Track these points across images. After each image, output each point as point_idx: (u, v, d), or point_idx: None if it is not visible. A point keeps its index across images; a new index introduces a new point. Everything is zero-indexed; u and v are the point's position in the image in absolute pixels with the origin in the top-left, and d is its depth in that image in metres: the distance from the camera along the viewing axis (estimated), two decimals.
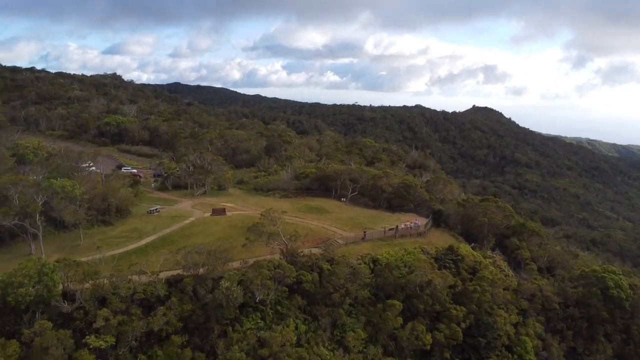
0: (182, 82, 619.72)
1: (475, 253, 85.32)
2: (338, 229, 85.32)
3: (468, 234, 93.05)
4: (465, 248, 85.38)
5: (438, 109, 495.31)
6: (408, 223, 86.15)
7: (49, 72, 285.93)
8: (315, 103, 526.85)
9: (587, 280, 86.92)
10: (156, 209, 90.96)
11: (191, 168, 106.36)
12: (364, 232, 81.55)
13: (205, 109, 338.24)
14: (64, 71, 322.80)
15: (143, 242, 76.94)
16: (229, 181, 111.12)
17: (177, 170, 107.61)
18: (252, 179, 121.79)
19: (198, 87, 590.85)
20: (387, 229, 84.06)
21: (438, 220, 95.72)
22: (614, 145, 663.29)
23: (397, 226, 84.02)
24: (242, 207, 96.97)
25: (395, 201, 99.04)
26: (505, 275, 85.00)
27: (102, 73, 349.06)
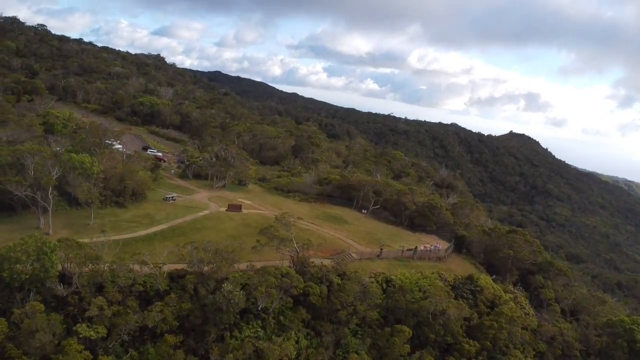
0: (223, 72, 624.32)
1: (496, 286, 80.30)
2: (354, 242, 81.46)
3: (490, 264, 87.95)
4: (485, 279, 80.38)
5: (474, 130, 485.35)
6: (428, 245, 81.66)
7: (95, 46, 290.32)
8: (351, 109, 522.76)
9: (614, 330, 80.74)
10: (172, 197, 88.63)
11: (214, 159, 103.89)
12: (381, 249, 77.50)
13: (241, 100, 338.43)
14: (111, 46, 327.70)
15: (153, 229, 74.55)
16: (250, 177, 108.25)
17: (200, 160, 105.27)
18: (274, 178, 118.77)
19: (238, 78, 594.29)
20: (405, 248, 79.84)
21: (460, 246, 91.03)
22: None
23: (416, 247, 79.69)
24: (258, 205, 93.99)
25: (417, 220, 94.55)
26: (526, 314, 79.55)
27: (146, 53, 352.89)
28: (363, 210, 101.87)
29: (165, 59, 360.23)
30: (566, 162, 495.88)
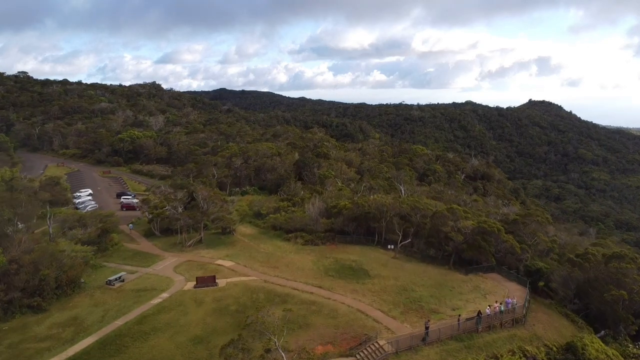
0: (228, 88, 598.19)
1: (610, 350, 50.01)
2: (384, 315, 51.66)
3: (590, 311, 57.20)
4: (593, 342, 49.92)
5: (490, 105, 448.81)
6: (497, 305, 51.49)
7: (81, 84, 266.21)
8: (361, 103, 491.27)
9: None
10: (118, 278, 60.48)
11: (179, 208, 75.57)
12: (426, 326, 47.66)
13: (245, 114, 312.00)
14: (117, 83, 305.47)
15: (72, 350, 46.51)
16: (233, 223, 79.36)
17: (166, 210, 76.91)
18: (271, 212, 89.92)
19: (242, 92, 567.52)
20: (463, 317, 49.89)
21: (535, 283, 60.75)
22: None
23: (479, 313, 49.60)
24: (244, 267, 65.05)
25: (468, 254, 64.24)
26: None
27: (141, 82, 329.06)
28: (389, 246, 72.10)
29: (162, 85, 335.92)
30: (593, 122, 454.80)
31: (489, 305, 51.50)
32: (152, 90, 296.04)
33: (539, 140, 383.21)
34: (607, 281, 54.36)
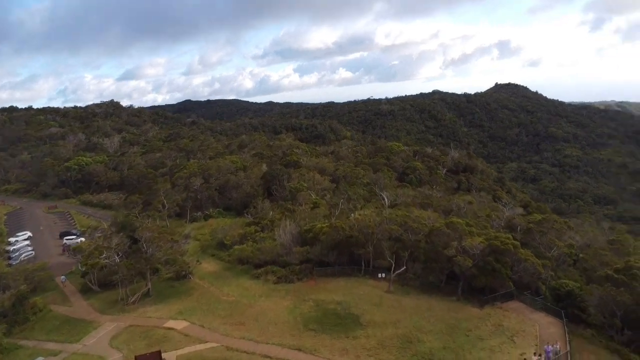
0: (193, 99, 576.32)
1: None
2: None
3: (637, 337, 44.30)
4: None
5: (457, 92, 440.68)
6: (536, 359, 37.97)
7: (30, 109, 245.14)
8: (329, 102, 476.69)
9: None
10: None
11: (116, 257, 60.02)
12: None
13: (211, 125, 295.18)
14: (79, 104, 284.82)
15: None
16: (189, 266, 64.02)
17: (104, 259, 61.24)
18: (236, 242, 75.02)
19: (208, 102, 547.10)
20: None
21: (567, 309, 47.50)
22: None
23: None
24: (201, 327, 50.06)
25: (479, 281, 50.60)
26: None
27: (98, 102, 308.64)
28: (380, 275, 58.15)
29: (123, 103, 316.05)
30: (559, 100, 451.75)
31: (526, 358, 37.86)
32: (109, 109, 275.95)
33: (509, 123, 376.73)
34: None
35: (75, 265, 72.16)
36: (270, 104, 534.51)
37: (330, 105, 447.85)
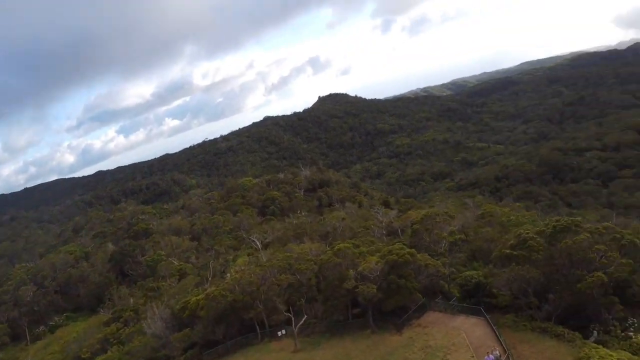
0: (6, 193, 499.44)
1: (619, 354, 35.62)
2: None
3: (560, 311, 42.57)
4: (603, 358, 35.01)
5: (287, 113, 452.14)
6: None
7: None
8: (164, 155, 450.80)
9: None
10: None
11: None
12: None
13: (35, 216, 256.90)
14: None
15: None
16: None
17: None
18: (97, 350, 60.24)
19: (26, 190, 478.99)
20: None
21: (480, 303, 44.65)
22: (443, 86, 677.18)
23: None
24: None
25: (388, 304, 45.27)
26: None
27: None
28: (280, 333, 49.86)
29: None
30: (377, 98, 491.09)
31: None
32: None
33: (341, 130, 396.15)
34: (569, 266, 40.44)
35: None
36: (100, 173, 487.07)
37: (166, 158, 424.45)
